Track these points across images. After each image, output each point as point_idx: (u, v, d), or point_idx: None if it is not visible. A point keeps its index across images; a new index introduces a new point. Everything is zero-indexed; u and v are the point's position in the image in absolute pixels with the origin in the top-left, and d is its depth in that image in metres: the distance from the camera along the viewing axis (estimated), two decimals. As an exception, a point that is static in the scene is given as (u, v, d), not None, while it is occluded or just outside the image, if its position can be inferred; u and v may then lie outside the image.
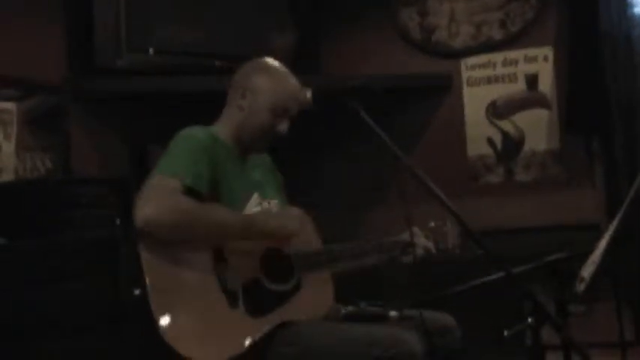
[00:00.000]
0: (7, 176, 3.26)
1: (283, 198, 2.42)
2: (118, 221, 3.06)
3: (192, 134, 2.18)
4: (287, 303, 2.15)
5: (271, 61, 2.33)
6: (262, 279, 2.14)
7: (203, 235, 2.06)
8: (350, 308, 2.29)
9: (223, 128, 2.27)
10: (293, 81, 2.31)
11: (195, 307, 2.00)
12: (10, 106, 3.31)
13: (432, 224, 2.37)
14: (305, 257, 2.22)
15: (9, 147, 3.29)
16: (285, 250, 2.21)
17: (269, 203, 2.30)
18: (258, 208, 2.25)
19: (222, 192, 2.15)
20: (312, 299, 2.21)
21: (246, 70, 2.32)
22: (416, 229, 2.34)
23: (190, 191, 2.04)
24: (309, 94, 2.25)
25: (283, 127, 2.27)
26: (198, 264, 2.05)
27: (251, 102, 2.26)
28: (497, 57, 4.05)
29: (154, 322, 1.93)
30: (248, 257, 2.12)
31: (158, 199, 1.99)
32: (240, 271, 2.09)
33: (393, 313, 2.26)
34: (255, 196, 2.26)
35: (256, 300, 2.09)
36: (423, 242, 2.36)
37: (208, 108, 2.23)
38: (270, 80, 2.28)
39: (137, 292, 1.97)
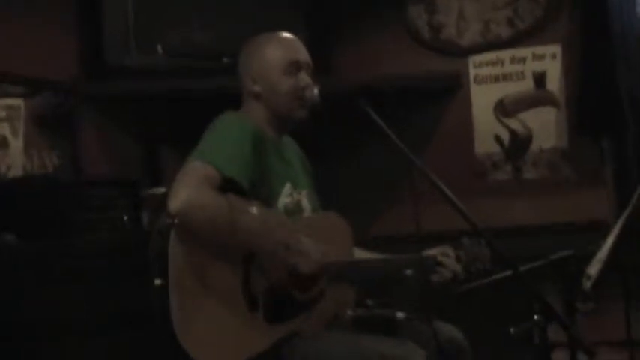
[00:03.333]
0: (16, 173, 3.26)
1: (313, 188, 2.39)
2: (127, 222, 3.07)
3: (235, 120, 2.15)
4: (307, 312, 2.11)
5: (256, 37, 2.33)
6: (286, 285, 2.09)
7: (228, 237, 1.99)
8: (358, 309, 2.27)
9: (254, 120, 2.23)
10: (284, 35, 2.32)
11: (213, 307, 1.98)
12: (17, 102, 3.32)
13: (466, 241, 2.28)
14: (334, 267, 2.15)
15: (17, 143, 3.30)
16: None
17: (299, 194, 2.28)
18: (289, 199, 2.22)
19: (259, 181, 2.12)
20: (332, 311, 2.18)
21: (243, 60, 2.32)
22: (448, 249, 2.27)
23: (231, 182, 2.01)
24: (316, 90, 2.25)
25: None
26: (226, 262, 2.01)
27: (263, 81, 2.25)
28: (505, 55, 4.04)
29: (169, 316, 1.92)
30: (275, 259, 2.05)
31: (191, 190, 1.94)
32: (266, 275, 2.05)
33: (400, 315, 2.25)
34: (288, 187, 2.23)
35: (277, 306, 2.06)
36: (452, 265, 2.26)
37: (218, 107, 2.23)
38: (266, 49, 2.28)
39: (158, 282, 1.95)
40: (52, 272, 2.74)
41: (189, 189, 1.94)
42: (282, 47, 2.29)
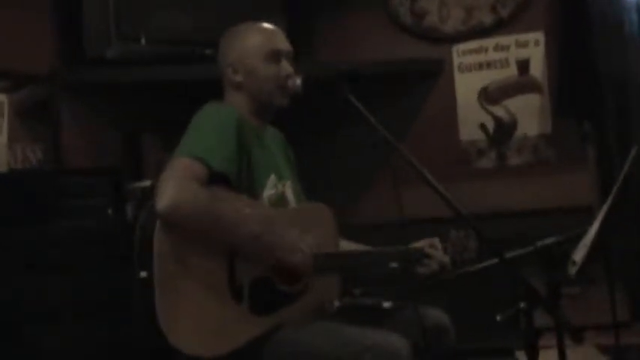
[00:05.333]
0: (0, 168, 3.25)
1: (295, 179, 2.38)
2: (110, 211, 3.06)
3: (219, 111, 2.13)
4: (292, 304, 2.11)
5: (234, 27, 2.32)
6: (272, 277, 2.09)
7: (218, 234, 2.00)
8: (344, 299, 2.27)
9: (237, 110, 2.21)
10: (264, 25, 2.30)
11: (198, 298, 1.97)
12: (0, 97, 3.30)
13: (453, 233, 2.29)
14: (320, 259, 2.15)
15: (1, 139, 3.28)
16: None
17: (283, 186, 2.27)
18: (272, 191, 2.21)
19: (244, 173, 2.11)
20: (318, 303, 2.17)
21: (222, 50, 2.31)
22: (435, 241, 2.27)
23: (217, 175, 2.00)
24: (298, 81, 2.24)
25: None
26: (211, 254, 2.00)
27: (244, 69, 2.25)
28: (489, 42, 4.05)
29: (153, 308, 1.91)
30: (262, 252, 2.06)
31: (178, 190, 1.92)
32: (251, 266, 2.04)
33: (386, 304, 2.25)
34: (272, 178, 2.22)
35: (262, 298, 2.05)
36: (440, 257, 2.26)
37: (201, 95, 2.21)
38: (246, 37, 2.27)
39: (143, 274, 1.94)
40: (31, 260, 2.73)
41: (175, 187, 1.93)
42: (263, 35, 2.28)
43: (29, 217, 2.87)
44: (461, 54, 4.09)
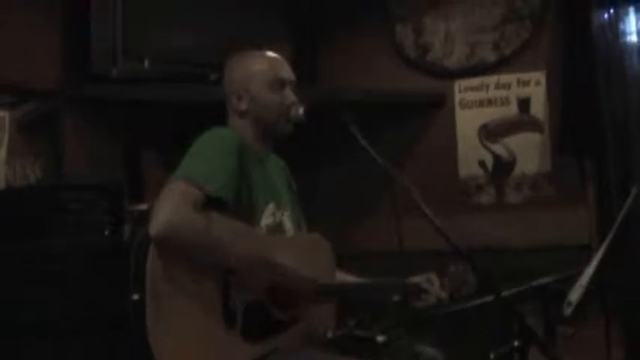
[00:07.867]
0: (-1, 184, 3.25)
1: (295, 208, 2.38)
2: (109, 228, 3.05)
3: (221, 137, 2.12)
4: (285, 332, 2.10)
5: (240, 53, 2.33)
6: (266, 303, 2.08)
7: (212, 258, 1.98)
8: (338, 330, 2.25)
9: (240, 137, 2.20)
10: (269, 54, 2.32)
11: (190, 322, 1.95)
12: (1, 113, 3.30)
13: (452, 269, 2.26)
14: (318, 288, 2.14)
15: (0, 154, 3.28)
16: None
17: (282, 215, 2.26)
18: (270, 220, 2.20)
19: (243, 200, 2.10)
20: (311, 332, 2.16)
21: (227, 77, 2.31)
22: (432, 276, 2.25)
23: (214, 200, 1.98)
24: (302, 110, 2.25)
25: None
26: (206, 277, 1.98)
27: (249, 95, 2.25)
28: (491, 80, 4.06)
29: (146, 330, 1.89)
30: (258, 277, 2.05)
31: (173, 213, 1.90)
32: (246, 291, 2.03)
33: (381, 338, 2.24)
34: (271, 207, 2.21)
35: (255, 324, 2.03)
36: (436, 292, 2.23)
37: (202, 117, 2.22)
38: (251, 64, 2.28)
39: (135, 297, 1.92)
40: (29, 275, 2.73)
41: (169, 212, 1.91)
42: (268, 63, 2.29)
43: (27, 233, 2.86)
44: (463, 90, 4.10)
